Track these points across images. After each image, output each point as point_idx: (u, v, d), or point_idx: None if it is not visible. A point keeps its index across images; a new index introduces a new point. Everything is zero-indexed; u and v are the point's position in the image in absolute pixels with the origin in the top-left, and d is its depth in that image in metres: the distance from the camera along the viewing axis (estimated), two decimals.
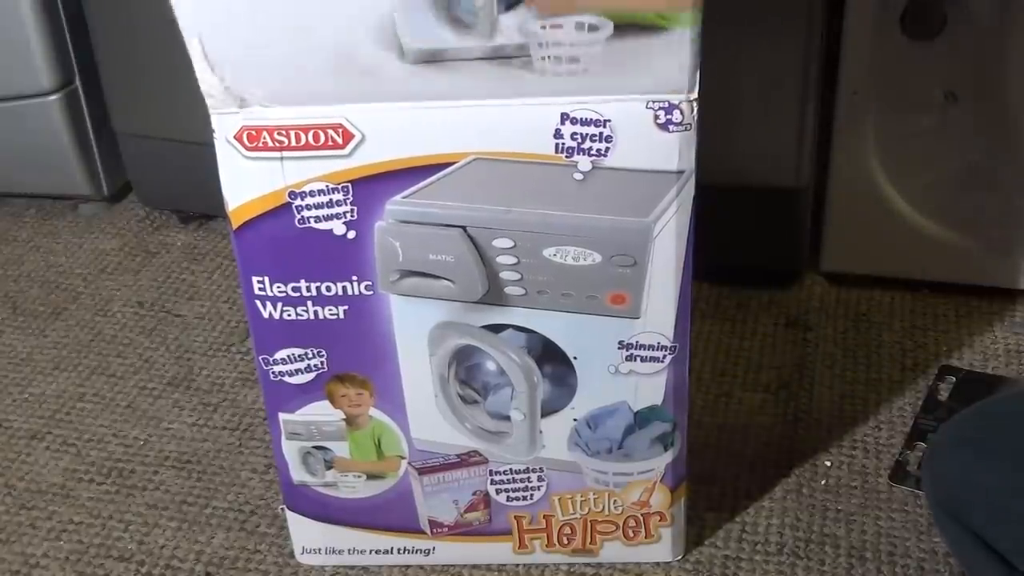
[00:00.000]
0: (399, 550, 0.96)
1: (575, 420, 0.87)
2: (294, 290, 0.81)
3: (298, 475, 0.92)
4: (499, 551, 0.95)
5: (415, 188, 0.77)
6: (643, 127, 0.74)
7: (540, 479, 0.90)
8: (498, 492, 0.92)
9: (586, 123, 0.74)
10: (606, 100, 0.74)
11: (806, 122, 1.17)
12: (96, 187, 1.49)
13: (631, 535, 0.94)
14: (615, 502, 0.91)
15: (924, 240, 1.21)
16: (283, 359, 0.85)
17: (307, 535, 0.96)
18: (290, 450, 0.90)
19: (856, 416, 1.11)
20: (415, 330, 0.83)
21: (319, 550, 0.97)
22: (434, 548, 0.96)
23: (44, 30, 1.37)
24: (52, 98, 1.41)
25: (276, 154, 0.76)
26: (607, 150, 0.75)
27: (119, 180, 1.51)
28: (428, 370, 0.85)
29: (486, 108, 0.74)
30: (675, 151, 0.75)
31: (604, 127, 0.74)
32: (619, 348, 0.83)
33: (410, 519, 0.94)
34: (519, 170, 0.77)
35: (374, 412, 0.88)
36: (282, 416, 0.89)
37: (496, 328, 0.83)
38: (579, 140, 0.75)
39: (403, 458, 0.90)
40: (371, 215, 0.78)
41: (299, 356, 0.85)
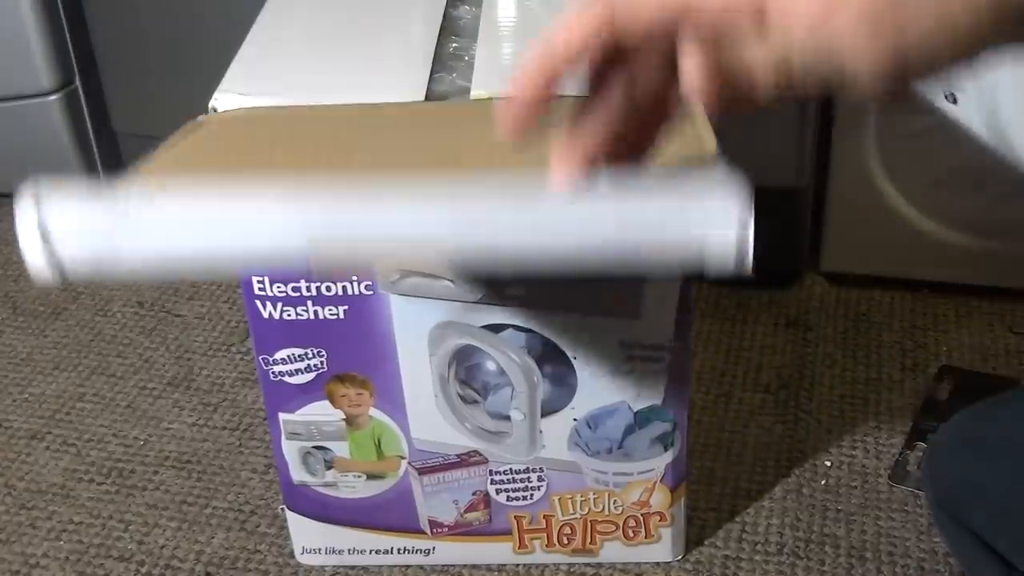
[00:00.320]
0: (399, 550, 0.96)
1: (575, 420, 0.87)
2: (294, 290, 0.82)
3: (298, 475, 0.92)
4: (499, 551, 0.95)
5: None
6: None
7: (540, 479, 0.90)
8: (498, 492, 0.92)
9: None
10: None
11: (806, 122, 1.17)
12: None
13: (631, 535, 0.94)
14: (615, 502, 0.91)
15: (924, 240, 1.21)
16: (283, 359, 0.85)
17: (307, 535, 0.96)
18: (290, 450, 0.90)
19: (856, 416, 1.11)
20: (415, 330, 0.83)
21: (319, 550, 0.97)
22: (434, 548, 0.96)
23: (44, 30, 1.37)
24: (52, 98, 1.41)
25: None
26: None
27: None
28: (428, 370, 0.85)
29: None
30: None
31: None
32: (619, 348, 0.83)
33: (410, 519, 0.94)
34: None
35: (374, 412, 0.88)
36: (282, 416, 0.89)
37: (496, 328, 0.83)
38: None
39: (403, 458, 0.90)
40: None
41: (299, 356, 0.85)
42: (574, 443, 0.88)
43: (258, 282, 0.81)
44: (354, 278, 0.81)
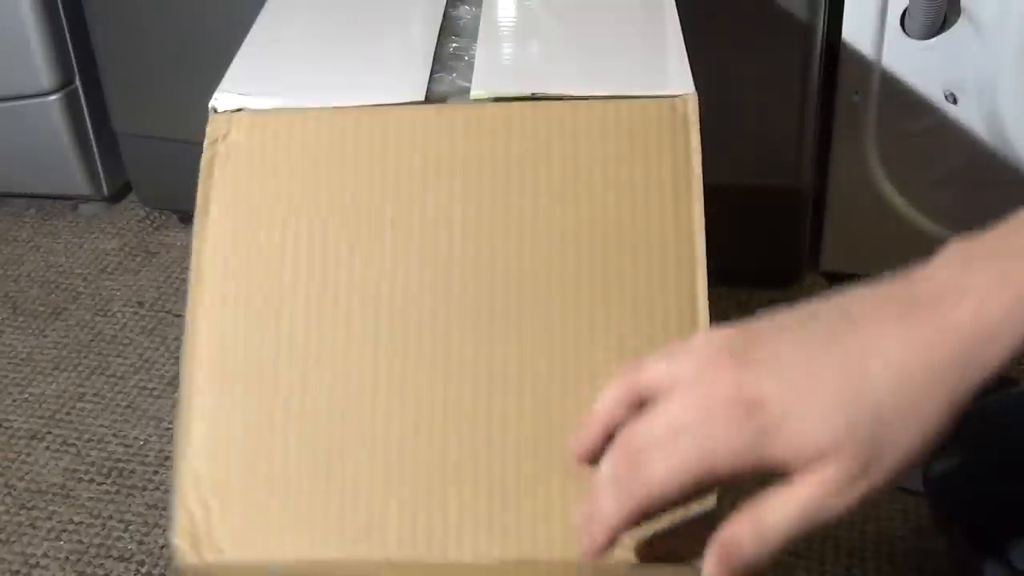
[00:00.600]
0: None
1: None
2: None
3: None
4: None
5: None
6: None
7: None
8: None
9: None
10: None
11: (806, 122, 1.17)
12: (96, 187, 1.49)
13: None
14: None
15: (924, 240, 1.21)
16: None
17: None
18: None
19: None
20: None
21: None
22: None
23: (44, 30, 1.37)
24: (52, 98, 1.41)
25: None
26: None
27: (119, 180, 1.51)
28: None
29: None
30: None
31: None
32: None
33: None
34: None
35: None
36: None
37: None
38: None
39: None
40: None
41: None
42: None
43: None
44: None
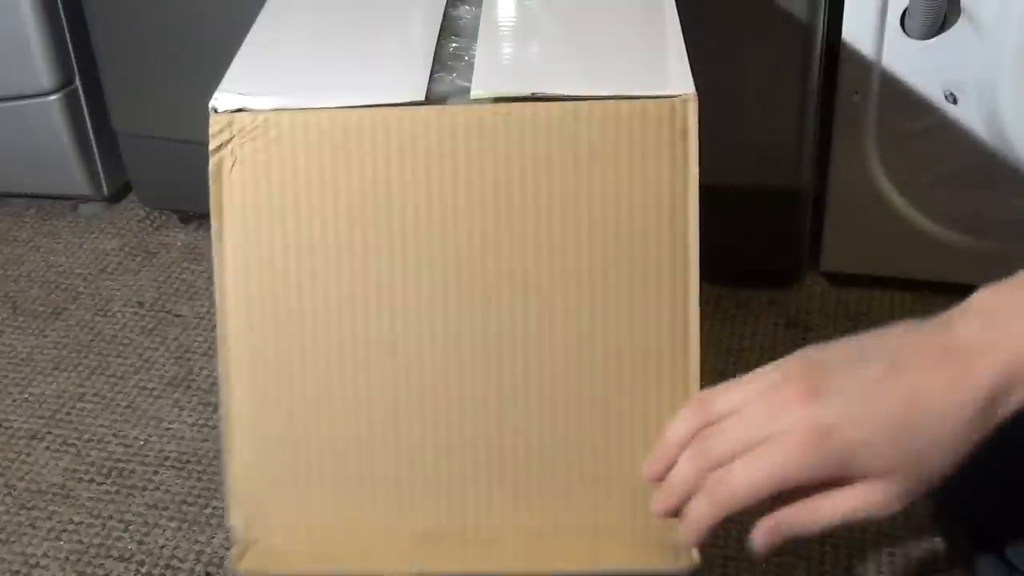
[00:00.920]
0: None
1: None
2: None
3: None
4: None
5: None
6: None
7: None
8: None
9: None
10: None
11: (806, 122, 1.17)
12: (96, 187, 1.49)
13: None
14: None
15: (924, 240, 1.21)
16: None
17: None
18: None
19: None
20: None
21: None
22: None
23: (44, 30, 1.37)
24: (52, 98, 1.41)
25: None
26: None
27: (119, 180, 1.51)
28: None
29: None
30: None
31: None
32: None
33: None
34: None
35: None
36: None
37: None
38: None
39: None
40: None
41: None
42: None
43: None
44: None
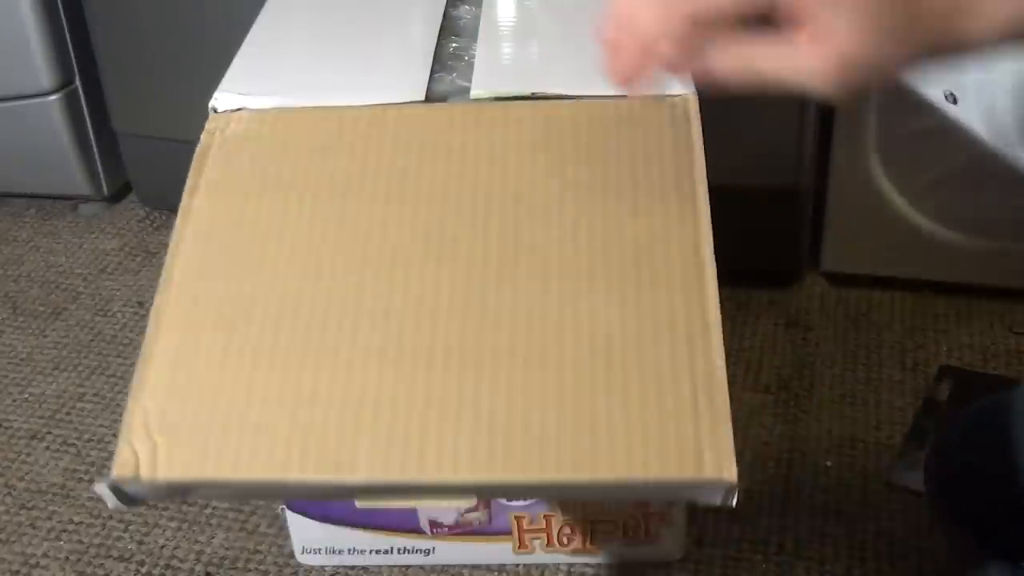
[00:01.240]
0: (399, 550, 0.96)
1: None
2: None
3: None
4: (499, 551, 0.95)
5: None
6: None
7: None
8: None
9: None
10: None
11: (806, 122, 1.17)
12: (96, 187, 1.49)
13: (631, 535, 0.94)
14: (615, 502, 0.91)
15: (924, 240, 1.21)
16: None
17: (307, 535, 0.96)
18: None
19: (856, 416, 1.11)
20: None
21: (319, 550, 0.97)
22: (434, 548, 0.96)
23: (44, 30, 1.37)
24: (52, 98, 1.41)
25: None
26: None
27: (119, 180, 1.51)
28: None
29: None
30: None
31: None
32: None
33: (410, 519, 0.94)
34: None
35: None
36: None
37: None
38: None
39: None
40: None
41: None
42: None
43: None
44: None
